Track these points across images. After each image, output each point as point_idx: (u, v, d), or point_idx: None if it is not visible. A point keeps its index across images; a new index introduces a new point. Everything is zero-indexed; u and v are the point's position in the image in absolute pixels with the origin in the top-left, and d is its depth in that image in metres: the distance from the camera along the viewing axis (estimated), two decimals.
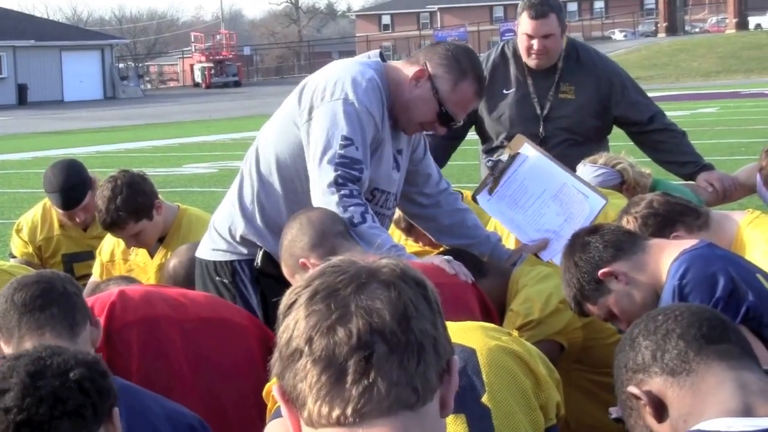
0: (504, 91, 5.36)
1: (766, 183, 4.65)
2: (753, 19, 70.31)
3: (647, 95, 5.55)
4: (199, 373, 3.32)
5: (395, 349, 1.46)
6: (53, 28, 64.02)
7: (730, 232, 3.63)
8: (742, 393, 1.98)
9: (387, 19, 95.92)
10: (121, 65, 69.74)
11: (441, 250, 4.13)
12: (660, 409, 2.05)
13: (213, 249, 3.97)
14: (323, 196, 3.62)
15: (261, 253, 3.83)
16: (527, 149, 4.17)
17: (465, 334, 2.66)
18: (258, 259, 3.84)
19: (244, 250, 3.89)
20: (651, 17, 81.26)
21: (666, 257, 3.11)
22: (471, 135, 5.55)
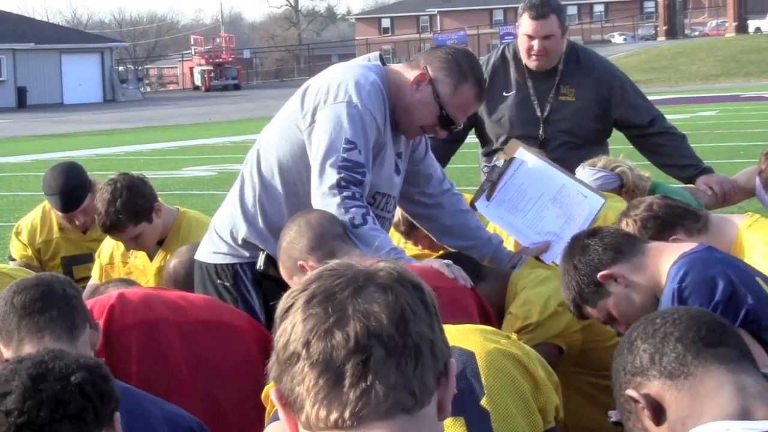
0: (504, 94, 5.36)
1: (765, 186, 4.65)
2: (752, 23, 70.31)
3: (647, 98, 5.54)
4: (199, 376, 3.32)
5: (393, 353, 1.46)
6: (53, 31, 63.99)
7: (729, 235, 3.62)
8: (740, 396, 1.98)
9: (387, 23, 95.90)
10: (121, 68, 69.76)
11: (440, 253, 4.13)
12: (658, 412, 2.04)
13: (214, 252, 3.95)
14: (324, 198, 3.61)
15: (263, 256, 3.81)
16: (522, 153, 4.17)
17: (464, 337, 2.66)
18: (260, 262, 3.82)
19: (245, 252, 3.87)
20: (651, 21, 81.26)
21: (665, 260, 3.10)
22: (470, 138, 5.55)
